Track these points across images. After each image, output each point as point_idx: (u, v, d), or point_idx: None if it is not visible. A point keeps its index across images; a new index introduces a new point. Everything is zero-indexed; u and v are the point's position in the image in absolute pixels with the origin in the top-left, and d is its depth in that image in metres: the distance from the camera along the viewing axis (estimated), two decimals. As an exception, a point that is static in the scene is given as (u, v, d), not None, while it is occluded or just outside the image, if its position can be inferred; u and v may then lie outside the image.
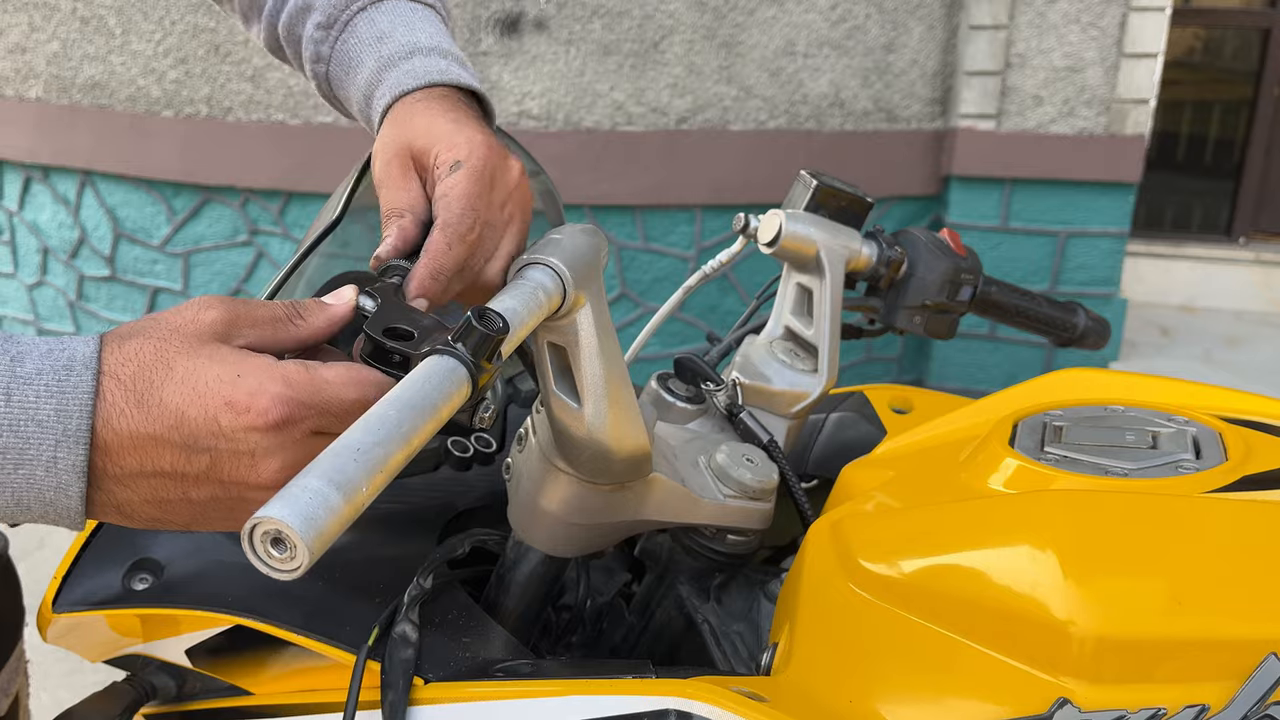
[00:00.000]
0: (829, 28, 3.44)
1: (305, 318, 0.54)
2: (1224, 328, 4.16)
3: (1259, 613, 0.50)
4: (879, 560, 0.60)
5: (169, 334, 0.49)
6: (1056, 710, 0.50)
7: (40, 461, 0.46)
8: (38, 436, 0.46)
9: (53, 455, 0.46)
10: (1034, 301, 0.98)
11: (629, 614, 0.80)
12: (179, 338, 0.49)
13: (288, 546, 0.39)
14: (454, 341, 0.49)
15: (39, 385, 0.46)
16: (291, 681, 0.72)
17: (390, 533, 0.77)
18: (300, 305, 0.55)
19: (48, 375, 0.46)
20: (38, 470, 0.46)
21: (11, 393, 0.45)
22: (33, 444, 0.45)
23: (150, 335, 0.49)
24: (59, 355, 0.47)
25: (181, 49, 3.46)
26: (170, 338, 0.49)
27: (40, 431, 0.46)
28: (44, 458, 0.46)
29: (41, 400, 0.46)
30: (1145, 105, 3.42)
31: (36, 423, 0.46)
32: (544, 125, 3.37)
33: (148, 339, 0.49)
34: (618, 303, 3.51)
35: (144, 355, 0.48)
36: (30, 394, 0.46)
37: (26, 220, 3.87)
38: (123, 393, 0.47)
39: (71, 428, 0.46)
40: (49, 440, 0.46)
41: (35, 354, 0.47)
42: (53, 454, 0.46)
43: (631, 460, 0.64)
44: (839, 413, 0.93)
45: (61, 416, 0.46)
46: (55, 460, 0.46)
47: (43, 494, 0.46)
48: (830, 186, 0.86)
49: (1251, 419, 0.74)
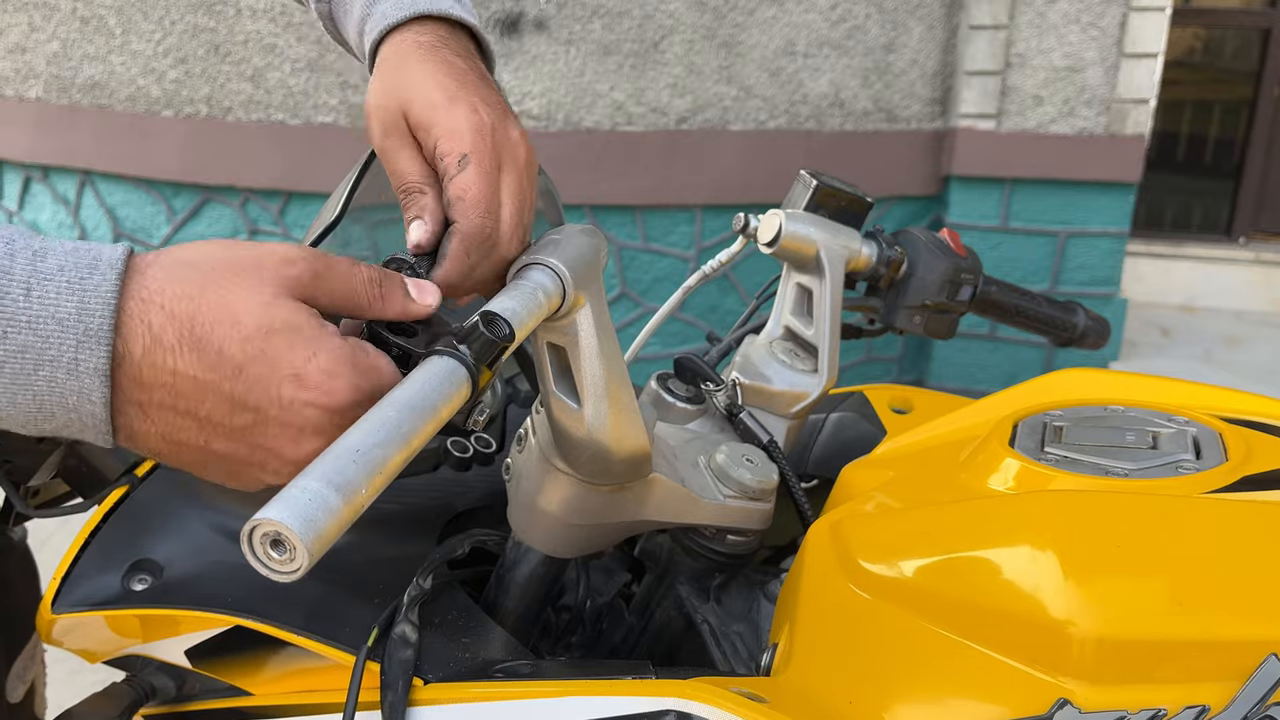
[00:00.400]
0: (829, 28, 3.44)
1: (386, 300, 0.53)
2: (1224, 328, 4.16)
3: (1259, 613, 0.50)
4: (879, 560, 0.60)
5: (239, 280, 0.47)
6: (1056, 711, 0.50)
7: (61, 363, 0.44)
8: (58, 335, 0.43)
9: (74, 356, 0.44)
10: (1034, 301, 0.98)
11: (629, 614, 0.80)
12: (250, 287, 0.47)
13: (287, 548, 0.38)
14: (459, 344, 0.49)
15: (60, 281, 0.44)
16: (291, 682, 0.72)
17: (390, 533, 0.77)
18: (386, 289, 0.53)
19: (70, 272, 0.44)
20: (59, 372, 0.44)
21: (31, 287, 0.43)
22: (53, 343, 0.43)
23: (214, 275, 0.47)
24: (84, 254, 0.45)
25: (181, 49, 3.46)
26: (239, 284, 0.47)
27: (60, 330, 0.43)
28: (65, 359, 0.44)
29: (63, 297, 0.44)
30: (1145, 105, 3.42)
31: (57, 320, 0.43)
32: (544, 125, 3.37)
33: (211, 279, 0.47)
34: (618, 303, 3.51)
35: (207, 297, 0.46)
36: (51, 289, 0.44)
37: (26, 220, 3.87)
38: (174, 329, 0.45)
39: (93, 326, 0.44)
40: (70, 339, 0.44)
41: (59, 250, 0.45)
42: (74, 355, 0.44)
43: (631, 461, 0.64)
44: (839, 413, 0.93)
45: (83, 315, 0.44)
46: (76, 362, 0.44)
47: (65, 398, 0.44)
48: (830, 186, 0.86)
49: (1251, 419, 0.74)
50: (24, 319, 0.43)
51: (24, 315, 0.43)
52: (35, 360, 0.44)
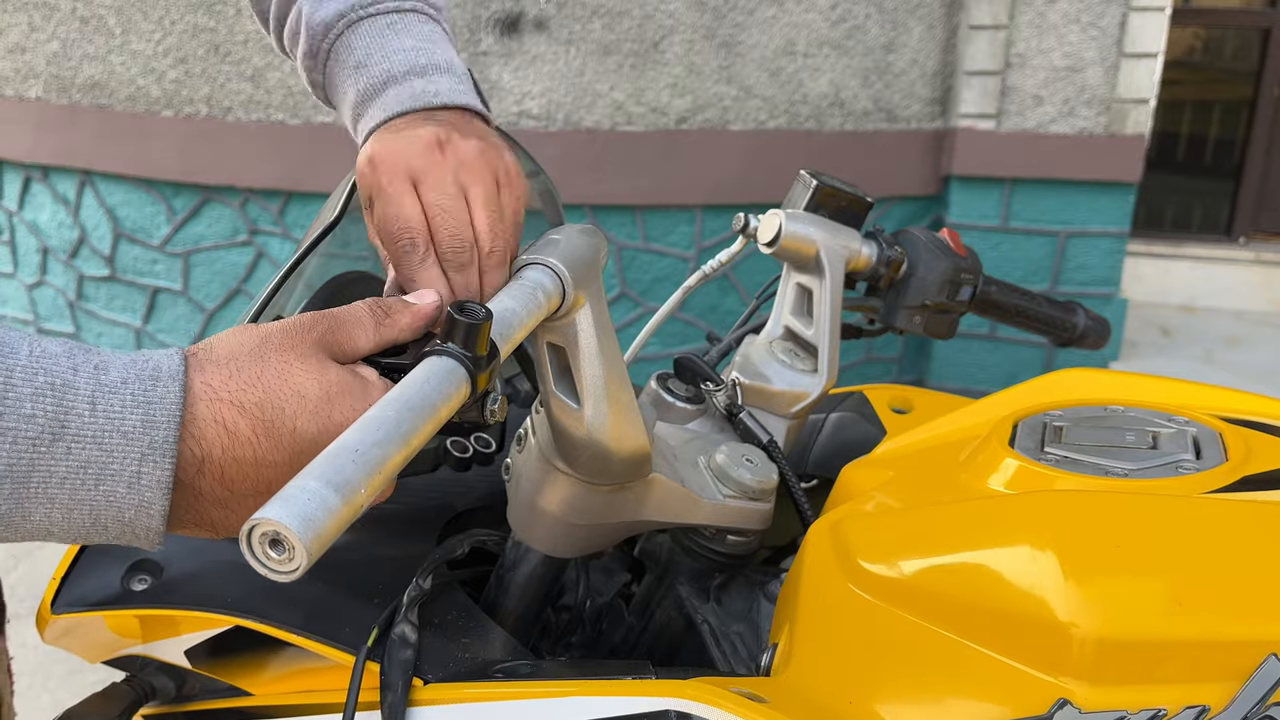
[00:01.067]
0: (829, 27, 3.43)
1: (392, 318, 0.53)
2: (1224, 328, 4.16)
3: (1259, 613, 0.50)
4: (879, 561, 0.60)
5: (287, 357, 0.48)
6: (1056, 711, 0.50)
7: (123, 477, 0.43)
8: (123, 449, 0.43)
9: (137, 470, 0.43)
10: (1034, 301, 0.98)
11: (629, 614, 0.80)
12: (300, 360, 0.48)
13: (286, 548, 0.38)
14: (443, 341, 0.49)
15: (125, 394, 0.43)
16: (291, 682, 0.72)
17: (389, 533, 0.77)
18: (385, 305, 0.54)
19: (134, 384, 0.44)
20: (119, 486, 0.43)
21: (96, 401, 0.43)
22: (116, 457, 0.43)
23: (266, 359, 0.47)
24: (143, 365, 0.45)
25: (181, 49, 3.45)
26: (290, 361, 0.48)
27: (125, 443, 0.43)
28: (127, 473, 0.43)
29: (128, 410, 0.43)
30: (1145, 105, 3.42)
31: (122, 434, 0.43)
32: (544, 125, 3.37)
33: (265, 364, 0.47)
34: (618, 303, 3.51)
35: (267, 381, 0.46)
36: (116, 403, 0.43)
37: (26, 220, 3.87)
38: (248, 422, 0.45)
39: (158, 440, 0.43)
40: (134, 454, 0.43)
41: (119, 363, 0.44)
42: (137, 469, 0.43)
43: (631, 461, 0.64)
44: (839, 413, 0.93)
45: (148, 427, 0.43)
46: (139, 476, 0.43)
47: (122, 512, 0.44)
48: (830, 186, 0.86)
49: (1251, 419, 0.74)
50: (89, 433, 0.42)
51: (89, 430, 0.42)
52: (98, 475, 0.43)
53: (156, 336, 3.74)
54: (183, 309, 3.68)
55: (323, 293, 0.78)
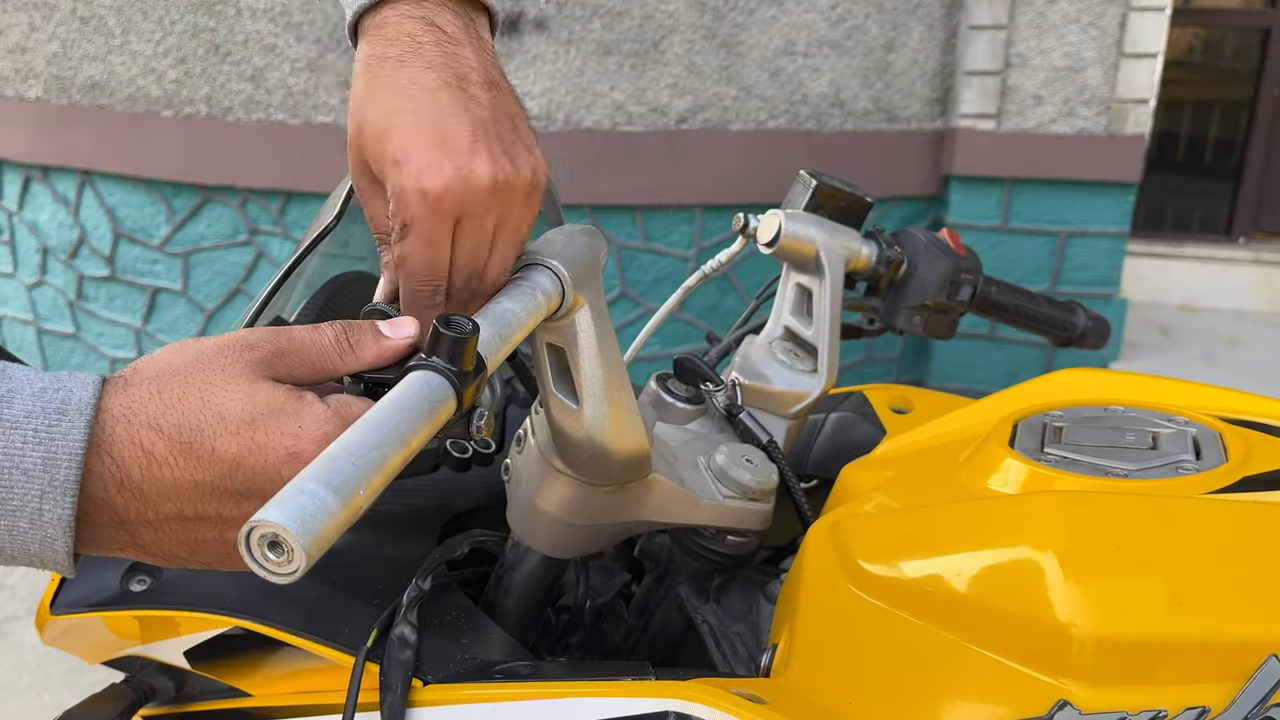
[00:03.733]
0: (829, 28, 3.43)
1: (357, 351, 0.51)
2: (1224, 328, 4.16)
3: (1260, 614, 0.50)
4: (879, 561, 0.60)
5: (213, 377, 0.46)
6: (1056, 712, 0.50)
7: (24, 513, 0.43)
8: (22, 485, 0.42)
9: (38, 507, 0.43)
10: (1034, 301, 0.98)
11: (628, 615, 0.80)
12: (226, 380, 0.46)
13: (284, 550, 0.38)
14: (428, 356, 0.49)
15: (27, 430, 0.42)
16: (290, 683, 0.72)
17: (389, 534, 0.77)
18: (353, 337, 0.52)
19: (37, 419, 0.43)
20: (20, 522, 0.43)
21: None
22: (16, 493, 0.42)
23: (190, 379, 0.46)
24: (52, 397, 0.43)
25: (181, 49, 3.45)
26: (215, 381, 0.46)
27: (26, 480, 0.42)
28: (28, 509, 0.43)
29: (29, 447, 0.42)
30: (1145, 105, 3.42)
31: (22, 471, 0.42)
32: (544, 125, 3.37)
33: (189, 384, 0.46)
34: (618, 303, 3.51)
35: (188, 403, 0.45)
36: (17, 439, 0.42)
37: (26, 220, 3.87)
38: (165, 443, 0.45)
39: (59, 478, 0.43)
40: (34, 491, 0.42)
41: (26, 394, 0.43)
42: (38, 505, 0.43)
43: (631, 461, 0.64)
44: (839, 413, 0.93)
45: (49, 466, 0.42)
46: (40, 512, 0.43)
47: (27, 546, 0.44)
48: (830, 186, 0.86)
49: (1251, 419, 0.74)
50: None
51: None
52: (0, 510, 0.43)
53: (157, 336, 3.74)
54: (183, 309, 3.68)
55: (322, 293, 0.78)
